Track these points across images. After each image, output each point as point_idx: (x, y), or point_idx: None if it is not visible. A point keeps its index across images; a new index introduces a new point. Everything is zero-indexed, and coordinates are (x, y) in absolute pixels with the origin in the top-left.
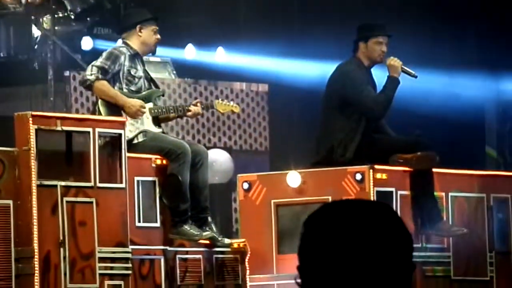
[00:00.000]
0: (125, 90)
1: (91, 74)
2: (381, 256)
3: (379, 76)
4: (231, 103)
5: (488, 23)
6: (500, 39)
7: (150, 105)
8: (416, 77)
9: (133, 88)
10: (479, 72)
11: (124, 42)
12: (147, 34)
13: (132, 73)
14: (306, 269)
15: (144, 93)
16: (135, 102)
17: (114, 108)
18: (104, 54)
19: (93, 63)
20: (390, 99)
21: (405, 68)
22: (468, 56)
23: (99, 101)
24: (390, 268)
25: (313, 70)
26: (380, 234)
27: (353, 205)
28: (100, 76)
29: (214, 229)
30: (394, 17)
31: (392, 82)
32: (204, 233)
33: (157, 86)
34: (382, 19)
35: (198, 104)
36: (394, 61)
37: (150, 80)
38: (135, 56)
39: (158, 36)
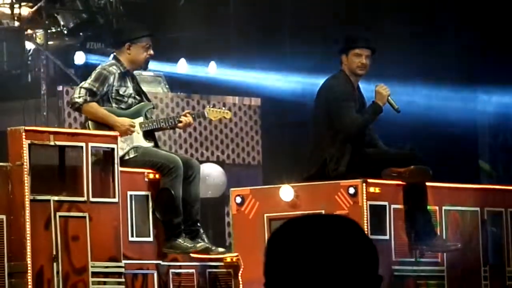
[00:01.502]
0: (114, 107)
1: (79, 97)
2: (346, 270)
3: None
4: (223, 109)
5: (479, 35)
6: (492, 52)
7: (140, 119)
8: (399, 112)
9: (123, 106)
10: (471, 85)
11: (115, 58)
12: (136, 52)
13: (121, 92)
14: (272, 286)
15: (133, 108)
16: (124, 121)
17: (104, 127)
18: (93, 75)
19: (81, 84)
20: (367, 123)
21: (391, 99)
22: (460, 69)
23: (89, 121)
24: (356, 281)
25: (305, 84)
26: (344, 247)
27: (315, 220)
28: (88, 99)
29: (206, 240)
30: (386, 31)
31: (375, 109)
32: (198, 245)
33: (148, 100)
34: (374, 34)
35: (188, 114)
36: (383, 90)
37: (142, 93)
38: (125, 74)
39: (151, 52)
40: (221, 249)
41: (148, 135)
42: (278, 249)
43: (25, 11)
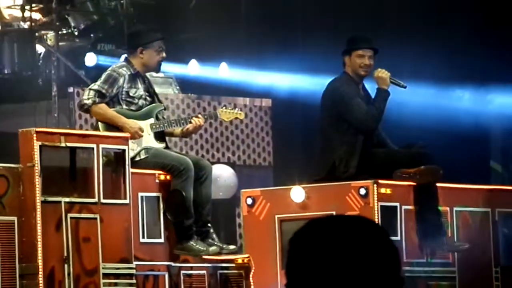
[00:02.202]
0: (124, 108)
1: (88, 98)
2: (368, 272)
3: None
4: (236, 110)
5: (493, 36)
6: (505, 52)
7: (151, 120)
8: (405, 87)
9: (133, 107)
10: (484, 85)
11: (126, 60)
12: (148, 55)
13: (131, 93)
14: (293, 287)
15: (144, 109)
16: (134, 124)
17: (114, 129)
18: (103, 77)
19: (90, 86)
20: (381, 111)
21: (394, 79)
22: (473, 69)
23: (99, 123)
24: (378, 283)
25: (316, 85)
26: (367, 249)
27: (338, 221)
28: (97, 100)
29: (217, 239)
30: (399, 32)
31: (381, 94)
32: (211, 249)
33: (159, 101)
34: (383, 34)
35: (200, 116)
36: (382, 73)
37: (154, 94)
38: (136, 75)
39: (163, 55)
40: (232, 246)
41: (159, 136)
42: (301, 249)
43: (37, 15)
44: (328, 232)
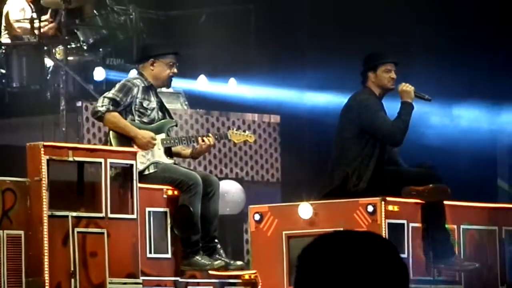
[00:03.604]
0: (137, 121)
1: (102, 106)
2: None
3: (391, 105)
4: (246, 132)
5: (501, 54)
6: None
7: (162, 136)
8: (430, 100)
9: (145, 119)
10: (491, 104)
11: (139, 73)
12: (159, 68)
13: (145, 105)
14: None
15: (156, 124)
16: (146, 134)
17: (126, 139)
18: (117, 86)
19: (105, 94)
20: (407, 124)
21: (418, 92)
22: (480, 87)
23: (111, 132)
24: None
25: (324, 101)
26: (375, 265)
27: (347, 237)
28: (111, 108)
29: (224, 255)
30: (405, 48)
31: (406, 107)
32: (216, 262)
33: (171, 117)
34: (394, 49)
35: (211, 135)
36: (407, 87)
37: (165, 110)
38: (149, 88)
39: (174, 70)
40: (239, 262)
41: (169, 152)
42: (309, 265)
43: (46, 29)
44: (336, 248)
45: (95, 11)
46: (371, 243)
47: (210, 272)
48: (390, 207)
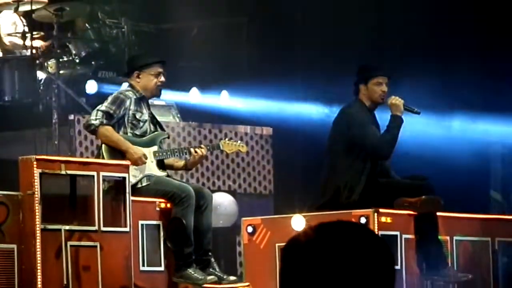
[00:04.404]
0: (129, 134)
1: (96, 119)
2: (362, 278)
3: (383, 117)
4: (238, 142)
5: (493, 65)
6: (505, 81)
7: (154, 148)
8: (419, 113)
9: (137, 132)
10: (484, 115)
11: (130, 85)
12: (145, 79)
13: (137, 117)
14: None
15: (148, 136)
16: (138, 150)
17: (118, 153)
18: (110, 99)
19: (98, 107)
20: (395, 137)
21: (408, 106)
22: (472, 98)
23: (103, 146)
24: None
25: (316, 113)
26: (361, 254)
27: (331, 227)
28: (104, 121)
29: (217, 269)
30: (397, 60)
31: (396, 120)
32: (209, 277)
33: (162, 129)
34: (386, 62)
35: (203, 146)
36: (396, 100)
37: (156, 123)
38: (141, 100)
39: (161, 79)
40: (232, 278)
41: (161, 164)
42: (295, 256)
43: (38, 43)
44: (322, 238)
45: (87, 25)
46: (356, 233)
47: (201, 285)
48: (383, 219)
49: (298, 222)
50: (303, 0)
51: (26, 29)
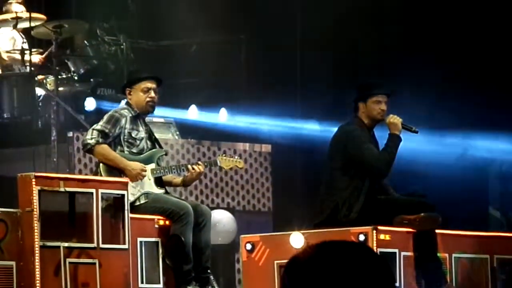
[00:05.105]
0: (126, 152)
1: (92, 138)
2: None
3: (381, 136)
4: (235, 158)
5: (490, 83)
6: (502, 98)
7: (152, 165)
8: (417, 132)
9: (134, 150)
10: (482, 132)
11: (126, 103)
12: (135, 95)
13: (133, 135)
14: None
15: (145, 154)
16: (136, 165)
17: (115, 171)
18: (105, 117)
19: (93, 126)
20: (393, 156)
21: (405, 124)
22: (471, 116)
23: (101, 164)
24: None
25: (316, 131)
26: (361, 273)
27: (331, 246)
28: (100, 140)
29: (216, 287)
30: (396, 77)
31: (394, 139)
32: None
33: (160, 146)
34: (384, 79)
35: (200, 163)
36: (394, 119)
37: (154, 140)
38: (137, 117)
39: (151, 95)
40: None
41: (159, 182)
42: (295, 276)
43: (36, 58)
44: (324, 257)
45: (85, 42)
46: (357, 252)
47: None
48: (382, 236)
49: (297, 240)
50: (302, 18)
51: (25, 45)
